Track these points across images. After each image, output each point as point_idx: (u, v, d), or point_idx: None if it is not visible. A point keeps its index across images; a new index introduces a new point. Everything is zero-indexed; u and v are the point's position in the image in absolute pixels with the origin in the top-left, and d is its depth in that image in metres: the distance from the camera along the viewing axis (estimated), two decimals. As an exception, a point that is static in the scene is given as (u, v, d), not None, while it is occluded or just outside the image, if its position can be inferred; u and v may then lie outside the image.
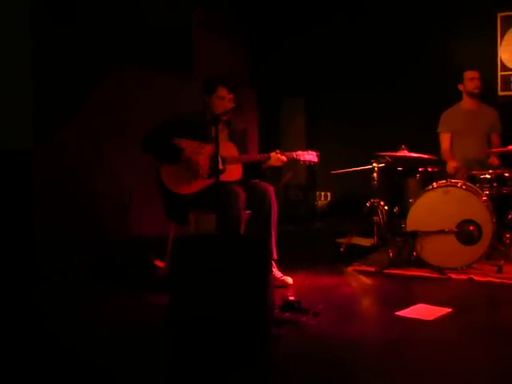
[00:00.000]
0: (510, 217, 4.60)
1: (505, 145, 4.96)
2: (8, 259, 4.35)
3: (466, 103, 5.38)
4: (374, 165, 5.17)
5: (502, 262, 4.44)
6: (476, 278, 4.32)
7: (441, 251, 4.52)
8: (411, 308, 3.52)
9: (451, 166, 5.09)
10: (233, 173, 4.24)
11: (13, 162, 4.63)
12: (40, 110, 4.74)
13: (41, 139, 4.74)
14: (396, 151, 4.93)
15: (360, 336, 3.09)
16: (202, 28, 6.38)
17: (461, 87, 5.36)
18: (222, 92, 4.30)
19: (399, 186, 5.09)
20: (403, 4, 6.43)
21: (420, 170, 4.93)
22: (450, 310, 3.46)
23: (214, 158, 3.89)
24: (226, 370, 2.64)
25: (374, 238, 5.29)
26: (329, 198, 7.05)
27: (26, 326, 3.30)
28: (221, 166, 4.06)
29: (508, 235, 4.60)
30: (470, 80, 5.30)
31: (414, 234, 4.58)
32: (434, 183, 4.66)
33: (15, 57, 4.68)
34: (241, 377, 2.58)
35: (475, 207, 4.49)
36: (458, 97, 5.42)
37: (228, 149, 4.27)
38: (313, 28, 6.94)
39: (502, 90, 6.07)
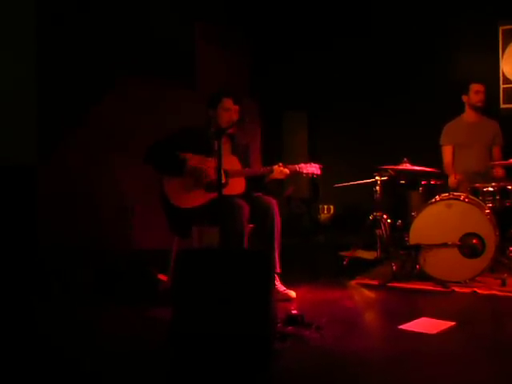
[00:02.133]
0: (513, 230, 4.60)
1: (506, 157, 4.96)
2: (10, 271, 4.35)
3: (468, 116, 5.38)
4: (377, 178, 5.16)
5: (506, 275, 4.44)
6: (479, 291, 4.31)
7: (444, 264, 4.51)
8: (415, 321, 3.50)
9: (453, 179, 5.09)
10: (236, 186, 4.24)
11: (17, 176, 4.65)
12: (44, 125, 4.78)
13: (44, 154, 4.78)
14: (398, 164, 4.94)
15: (363, 350, 3.08)
16: (203, 41, 6.42)
17: (464, 98, 5.35)
18: (228, 103, 4.30)
19: (402, 199, 5.09)
20: (405, 17, 6.45)
21: (423, 183, 4.93)
22: (453, 323, 3.44)
23: (217, 172, 3.89)
24: (229, 385, 2.64)
25: (377, 251, 5.26)
26: (332, 211, 7.04)
27: (27, 339, 3.30)
28: (223, 180, 4.06)
29: (511, 248, 4.60)
30: (476, 93, 5.29)
31: (417, 248, 4.58)
32: (437, 196, 4.66)
33: (20, 73, 4.72)
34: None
35: (478, 220, 4.48)
36: (459, 109, 5.43)
37: (231, 162, 4.27)
38: (314, 41, 6.95)
39: (504, 103, 6.06)
